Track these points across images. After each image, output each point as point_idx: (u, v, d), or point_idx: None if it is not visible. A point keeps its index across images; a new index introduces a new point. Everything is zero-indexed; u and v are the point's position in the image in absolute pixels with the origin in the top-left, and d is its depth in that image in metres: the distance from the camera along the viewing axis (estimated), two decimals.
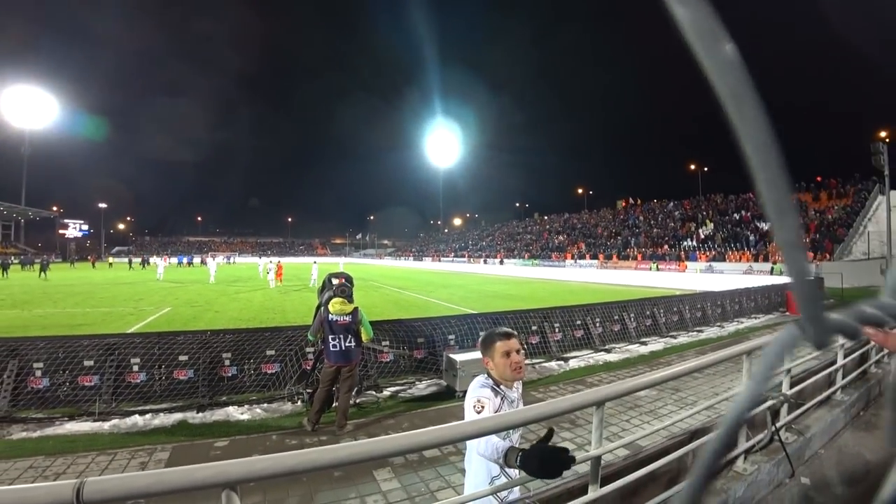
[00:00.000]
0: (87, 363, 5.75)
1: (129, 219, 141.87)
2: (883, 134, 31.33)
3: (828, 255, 29.85)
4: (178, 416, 5.46)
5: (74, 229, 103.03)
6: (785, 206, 0.23)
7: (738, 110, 0.23)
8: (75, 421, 5.27)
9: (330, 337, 5.24)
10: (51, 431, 5.02)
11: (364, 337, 5.48)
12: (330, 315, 5.25)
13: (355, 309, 5.39)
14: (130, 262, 57.11)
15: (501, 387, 2.22)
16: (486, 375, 2.27)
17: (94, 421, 5.27)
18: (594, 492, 2.19)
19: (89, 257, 69.43)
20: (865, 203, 36.83)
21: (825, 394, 4.71)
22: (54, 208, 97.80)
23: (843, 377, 4.93)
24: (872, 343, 5.84)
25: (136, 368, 5.90)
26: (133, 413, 5.44)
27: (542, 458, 1.73)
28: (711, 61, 0.23)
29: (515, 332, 2.34)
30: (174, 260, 63.42)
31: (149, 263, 59.91)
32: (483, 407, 2.07)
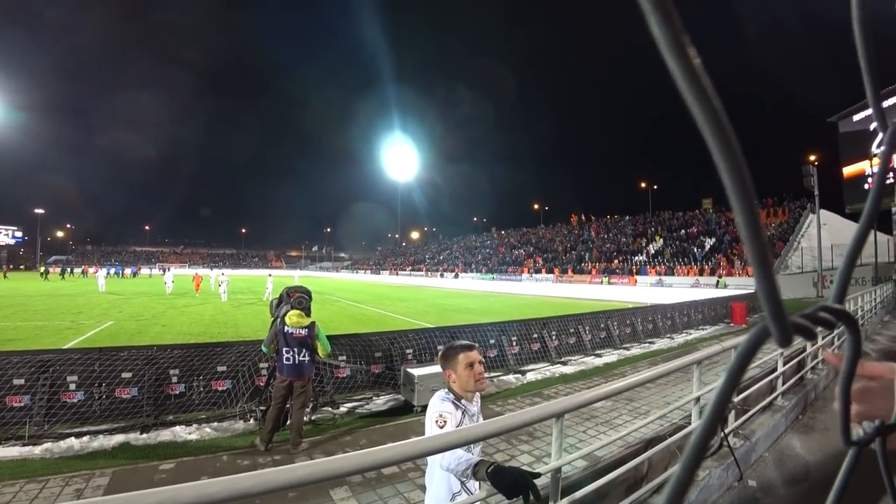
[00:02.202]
0: (17, 382, 5.31)
1: (69, 226, 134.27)
2: (812, 157, 33.83)
3: None
4: (119, 437, 5.11)
5: (6, 236, 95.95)
6: (754, 221, 0.25)
7: (715, 136, 0.24)
8: (2, 446, 4.85)
9: (284, 349, 5.09)
10: None
11: (321, 352, 5.36)
12: (286, 327, 5.12)
13: (312, 323, 5.27)
14: (45, 272, 50.12)
15: (462, 401, 2.21)
16: (446, 391, 2.25)
17: (24, 445, 4.85)
18: None
19: (2, 268, 63.83)
20: (799, 221, 39.51)
21: (767, 399, 4.97)
22: None
23: (784, 383, 5.22)
24: (808, 351, 6.22)
25: (72, 387, 5.50)
26: (69, 435, 5.06)
27: (513, 478, 1.73)
28: (686, 82, 0.24)
29: (476, 345, 2.34)
30: (106, 271, 58.67)
31: (71, 273, 55.11)
32: (445, 422, 2.05)
